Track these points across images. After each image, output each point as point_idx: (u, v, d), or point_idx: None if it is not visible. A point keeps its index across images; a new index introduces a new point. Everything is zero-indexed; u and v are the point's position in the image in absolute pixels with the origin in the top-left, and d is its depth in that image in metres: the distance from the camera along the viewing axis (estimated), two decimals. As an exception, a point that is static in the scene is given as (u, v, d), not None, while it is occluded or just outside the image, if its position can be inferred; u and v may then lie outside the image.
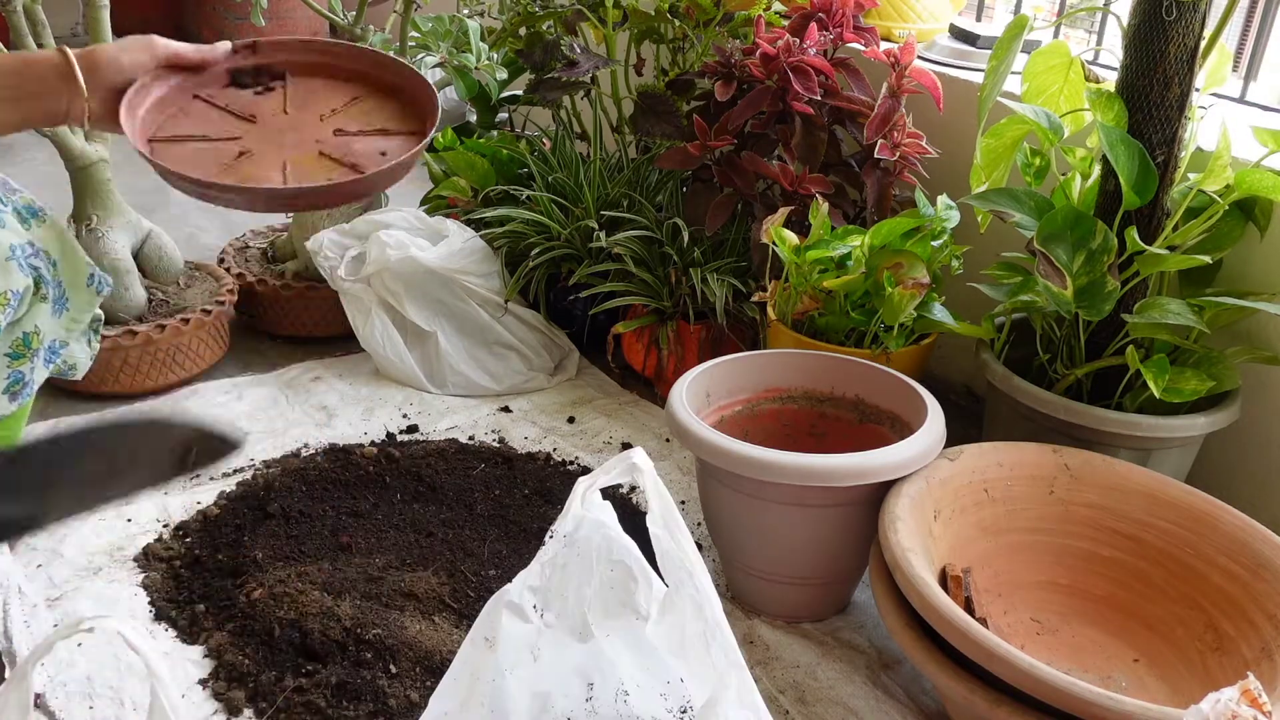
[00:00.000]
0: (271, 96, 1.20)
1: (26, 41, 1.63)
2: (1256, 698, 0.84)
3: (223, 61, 1.21)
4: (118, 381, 1.75)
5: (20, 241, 1.08)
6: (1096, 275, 1.34)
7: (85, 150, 1.70)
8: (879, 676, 1.32)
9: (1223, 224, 1.40)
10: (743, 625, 1.39)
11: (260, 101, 1.19)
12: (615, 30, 1.97)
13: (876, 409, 1.46)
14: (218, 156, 1.12)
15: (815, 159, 1.73)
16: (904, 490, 1.25)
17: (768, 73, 1.72)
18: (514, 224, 1.91)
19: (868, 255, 1.50)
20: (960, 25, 2.00)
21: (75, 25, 3.92)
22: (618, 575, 0.90)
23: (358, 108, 1.21)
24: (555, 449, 1.73)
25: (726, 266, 1.79)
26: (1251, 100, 1.73)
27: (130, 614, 1.31)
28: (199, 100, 1.18)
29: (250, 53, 1.21)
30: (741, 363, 1.48)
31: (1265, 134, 1.34)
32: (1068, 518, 1.34)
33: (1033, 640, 1.28)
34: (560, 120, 2.11)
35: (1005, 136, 1.48)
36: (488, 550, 1.45)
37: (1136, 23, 1.35)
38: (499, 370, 1.90)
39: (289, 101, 1.20)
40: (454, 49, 1.87)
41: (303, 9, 3.36)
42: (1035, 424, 1.45)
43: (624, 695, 0.90)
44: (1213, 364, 1.40)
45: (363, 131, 1.17)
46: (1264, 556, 1.21)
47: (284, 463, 1.62)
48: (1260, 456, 1.57)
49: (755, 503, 1.30)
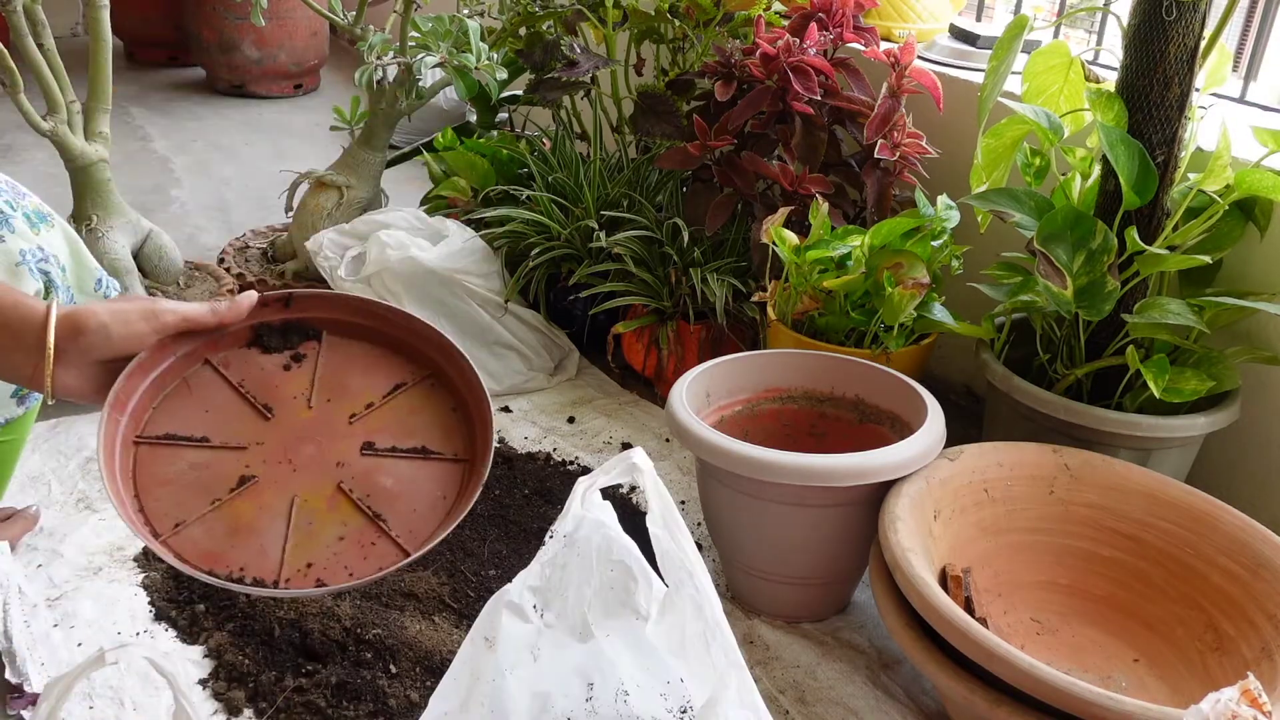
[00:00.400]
0: (299, 372, 0.95)
1: (26, 42, 1.62)
2: (1256, 698, 0.84)
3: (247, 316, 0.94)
4: (118, 381, 1.75)
5: (30, 246, 1.08)
6: (1096, 275, 1.34)
7: (85, 150, 1.70)
8: (879, 676, 1.32)
9: (1223, 224, 1.40)
10: (743, 625, 1.39)
11: (282, 382, 0.94)
12: (615, 30, 1.97)
13: (876, 409, 1.46)
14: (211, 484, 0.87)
15: (815, 159, 1.73)
16: (904, 490, 1.25)
17: (768, 73, 1.72)
18: (514, 224, 1.91)
19: (868, 255, 1.50)
20: (960, 25, 2.00)
21: (75, 25, 3.93)
22: (618, 575, 0.90)
23: (398, 402, 0.95)
24: (555, 449, 1.73)
25: (726, 266, 1.79)
26: (1251, 100, 1.73)
27: (130, 614, 1.31)
28: (209, 368, 0.93)
29: (282, 307, 0.96)
30: (741, 363, 1.48)
31: (1265, 134, 1.34)
32: (1068, 518, 1.34)
33: (1033, 640, 1.28)
34: (560, 120, 2.11)
35: (1005, 136, 1.48)
36: (488, 550, 1.45)
37: (1136, 23, 1.35)
38: (499, 370, 1.90)
39: (317, 386, 0.94)
40: (454, 49, 1.87)
41: (303, 9, 3.36)
42: (1035, 424, 1.45)
43: (624, 695, 0.90)
44: (1213, 364, 1.40)
45: (396, 451, 0.91)
46: (1264, 556, 1.21)
47: (284, 463, 1.62)
48: (1260, 456, 1.57)
49: (755, 503, 1.30)
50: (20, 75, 1.63)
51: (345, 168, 2.03)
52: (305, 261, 1.98)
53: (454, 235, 1.90)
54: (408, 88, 1.97)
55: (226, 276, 1.93)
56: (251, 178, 2.89)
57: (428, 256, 1.84)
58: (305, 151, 3.09)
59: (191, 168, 2.94)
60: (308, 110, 3.51)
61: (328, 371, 0.95)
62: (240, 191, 2.80)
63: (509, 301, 1.91)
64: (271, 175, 2.84)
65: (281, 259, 2.07)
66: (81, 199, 1.74)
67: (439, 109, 2.77)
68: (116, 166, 1.79)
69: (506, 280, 1.92)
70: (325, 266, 1.89)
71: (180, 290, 1.88)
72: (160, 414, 0.90)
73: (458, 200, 2.06)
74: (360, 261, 1.87)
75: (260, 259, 2.09)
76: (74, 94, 1.69)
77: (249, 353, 0.95)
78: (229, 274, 1.96)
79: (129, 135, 3.13)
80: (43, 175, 2.67)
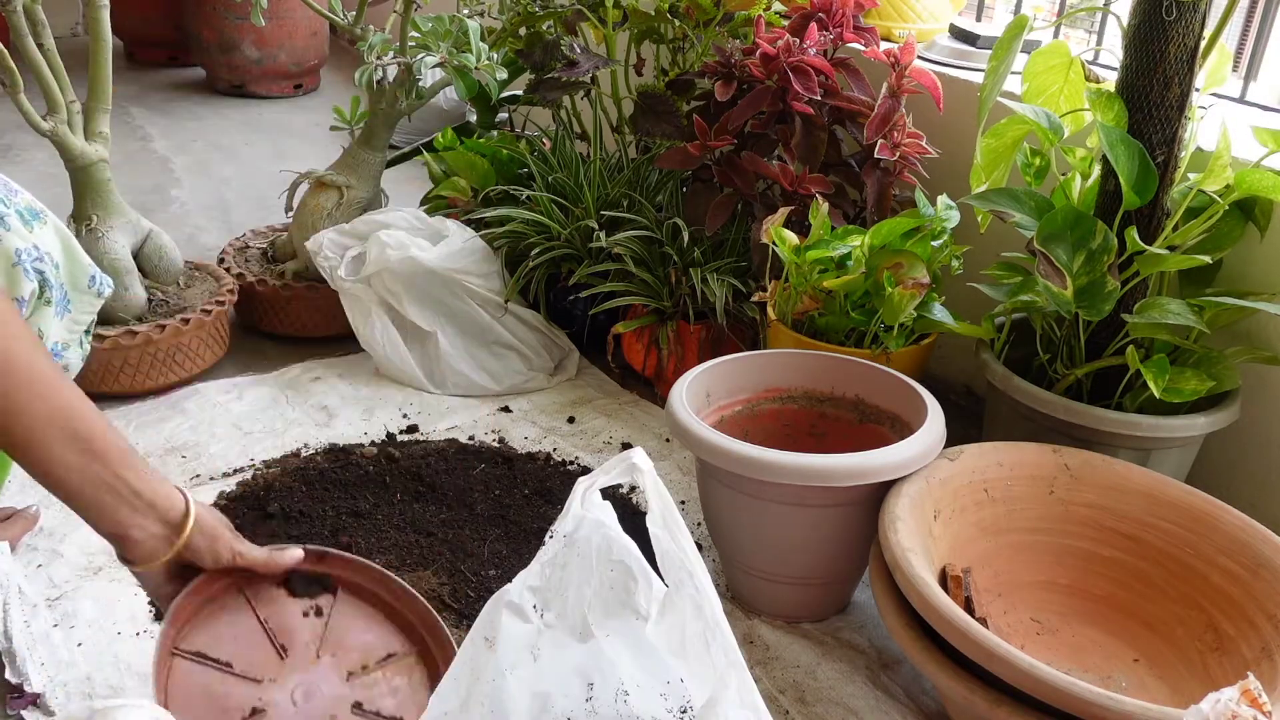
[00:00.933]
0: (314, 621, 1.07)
1: (26, 42, 1.62)
2: (1256, 698, 0.84)
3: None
4: (117, 381, 1.75)
5: (26, 245, 1.08)
6: (1096, 275, 1.34)
7: (85, 150, 1.70)
8: (879, 676, 1.32)
9: (1223, 224, 1.40)
10: (743, 625, 1.39)
11: (299, 626, 1.05)
12: (615, 30, 1.97)
13: (876, 409, 1.46)
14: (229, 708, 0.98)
15: (815, 159, 1.74)
16: (904, 490, 1.25)
17: (768, 73, 1.72)
18: (514, 224, 1.91)
19: (868, 255, 1.50)
20: (960, 25, 2.00)
21: (75, 25, 3.93)
22: (618, 575, 0.90)
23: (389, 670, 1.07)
24: (555, 449, 1.73)
25: (726, 266, 1.79)
26: (1251, 100, 1.73)
27: (130, 614, 1.31)
28: (243, 596, 1.04)
29: (317, 560, 1.08)
30: (741, 363, 1.48)
31: (1265, 134, 1.34)
32: (1068, 518, 1.34)
33: (1033, 640, 1.28)
34: (560, 120, 2.11)
35: (1005, 136, 1.48)
36: (488, 550, 1.45)
37: (1136, 23, 1.35)
38: (499, 370, 1.90)
39: (326, 638, 1.06)
40: (454, 49, 1.87)
41: (303, 9, 3.35)
42: (1035, 424, 1.45)
43: (624, 695, 0.90)
44: (1213, 364, 1.40)
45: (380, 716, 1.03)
46: (1264, 556, 1.21)
47: (284, 463, 1.62)
48: (1260, 456, 1.57)
49: (755, 503, 1.30)
50: (20, 75, 1.63)
51: (345, 168, 2.03)
52: (305, 261, 1.98)
53: (454, 235, 1.90)
54: (408, 88, 1.97)
55: (227, 277, 1.93)
56: (251, 178, 2.89)
57: (428, 256, 1.84)
58: (305, 151, 3.09)
59: (191, 168, 2.94)
60: (308, 110, 3.51)
61: (336, 626, 1.07)
62: (240, 191, 2.80)
63: (509, 301, 1.91)
64: (271, 175, 2.84)
65: (281, 259, 2.07)
66: (81, 199, 1.74)
67: (439, 109, 2.77)
68: (116, 166, 1.79)
69: (506, 280, 1.92)
70: (325, 266, 1.89)
71: (180, 290, 1.88)
72: (196, 630, 1.00)
73: (458, 200, 2.06)
74: (360, 261, 1.87)
75: (260, 259, 2.09)
76: (74, 94, 1.69)
77: (278, 592, 1.06)
78: (229, 274, 1.95)
79: (129, 135, 3.13)
80: (43, 175, 2.67)
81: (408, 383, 1.89)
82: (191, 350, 1.81)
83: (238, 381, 1.87)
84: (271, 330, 2.03)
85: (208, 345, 1.85)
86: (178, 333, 1.76)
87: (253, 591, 1.05)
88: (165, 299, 1.85)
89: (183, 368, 1.81)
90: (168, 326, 1.75)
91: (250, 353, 1.98)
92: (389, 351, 1.87)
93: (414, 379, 1.88)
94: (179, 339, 1.78)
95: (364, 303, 1.88)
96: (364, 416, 1.79)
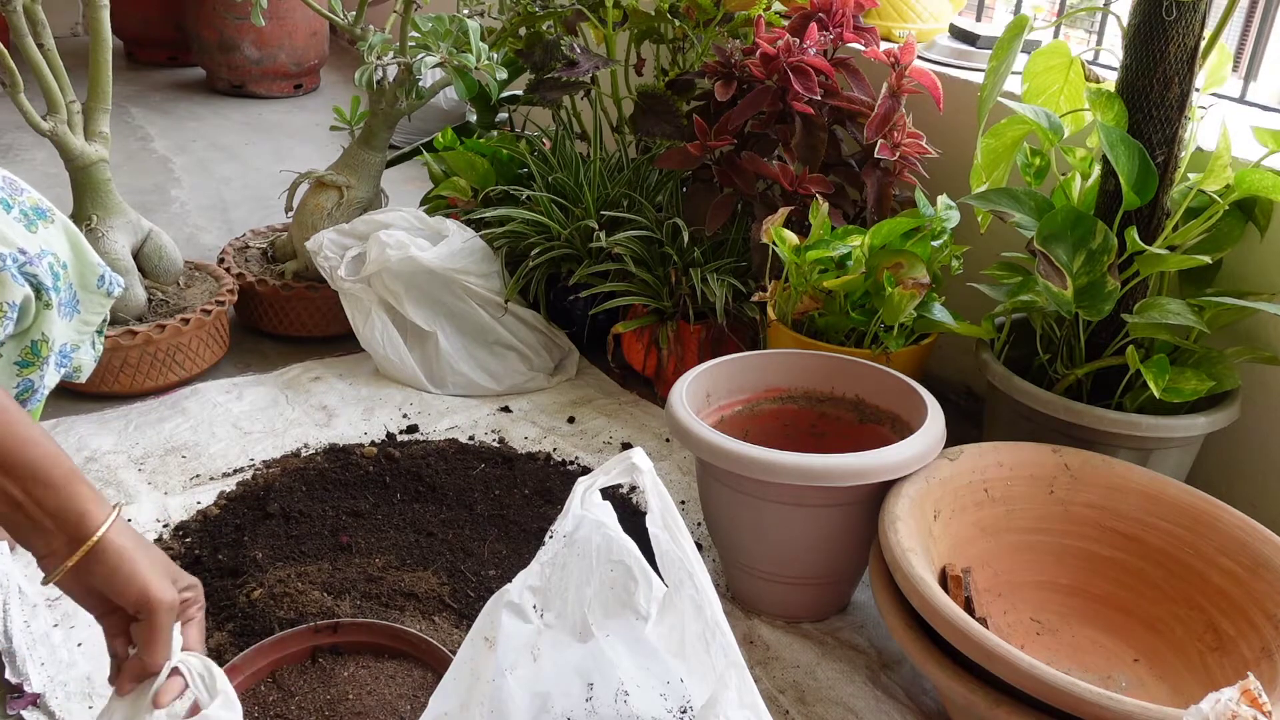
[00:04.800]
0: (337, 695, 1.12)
1: (26, 42, 1.62)
2: (1256, 698, 0.84)
3: (302, 639, 1.16)
4: (117, 381, 1.75)
5: (11, 250, 1.04)
6: (1096, 275, 1.34)
7: (85, 150, 1.70)
8: (879, 676, 1.32)
9: (1223, 224, 1.40)
10: (743, 625, 1.39)
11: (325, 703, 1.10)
12: (615, 30, 1.97)
13: (876, 409, 1.46)
14: None
15: (815, 159, 1.73)
16: (904, 490, 1.25)
17: (768, 73, 1.72)
18: (514, 224, 1.91)
19: (868, 255, 1.50)
20: (960, 25, 2.00)
21: (75, 25, 3.93)
22: (618, 575, 0.90)
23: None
24: (555, 449, 1.73)
25: (726, 266, 1.79)
26: (1251, 100, 1.73)
27: (130, 614, 1.31)
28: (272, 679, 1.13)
29: (330, 632, 1.16)
30: (741, 363, 1.48)
31: (1265, 134, 1.34)
32: (1068, 518, 1.34)
33: (1033, 640, 1.28)
34: (560, 120, 2.11)
35: (1005, 136, 1.48)
36: (488, 550, 1.45)
37: (1136, 23, 1.35)
38: (499, 370, 1.90)
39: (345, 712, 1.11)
40: (454, 49, 1.87)
41: (303, 9, 3.36)
42: (1035, 424, 1.45)
43: (624, 695, 0.90)
44: (1213, 364, 1.40)
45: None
46: (1264, 556, 1.21)
47: (284, 463, 1.62)
48: (1260, 456, 1.57)
49: (755, 503, 1.30)
50: (20, 75, 1.63)
51: (345, 168, 2.03)
52: (305, 261, 1.98)
53: (454, 235, 1.90)
54: (408, 88, 1.97)
55: (226, 277, 1.93)
56: (251, 178, 2.89)
57: (428, 256, 1.84)
58: (305, 151, 3.10)
59: (191, 168, 2.94)
60: (308, 110, 3.51)
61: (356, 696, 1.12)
62: (240, 191, 2.80)
63: (509, 301, 1.91)
64: (271, 175, 2.84)
65: (281, 259, 2.07)
66: (81, 199, 1.74)
67: (439, 109, 2.77)
68: (116, 166, 1.80)
69: (506, 280, 1.92)
70: (325, 266, 1.89)
71: (180, 290, 1.88)
72: None
73: (458, 200, 2.06)
74: (360, 261, 1.87)
75: (260, 259, 2.09)
76: (74, 94, 1.69)
77: (309, 667, 1.14)
78: (229, 274, 1.95)
79: (129, 135, 3.13)
80: (43, 175, 2.67)
81: (408, 383, 1.89)
82: (191, 350, 1.81)
83: (238, 381, 1.87)
84: (271, 330, 2.03)
85: (207, 345, 1.85)
86: (177, 333, 1.76)
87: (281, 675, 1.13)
88: (165, 299, 1.85)
89: (183, 368, 1.81)
90: (168, 326, 1.75)
91: (250, 353, 1.98)
92: (389, 351, 1.87)
93: (414, 379, 1.88)
94: (179, 339, 1.78)
95: (364, 303, 1.88)
96: (364, 416, 1.79)
